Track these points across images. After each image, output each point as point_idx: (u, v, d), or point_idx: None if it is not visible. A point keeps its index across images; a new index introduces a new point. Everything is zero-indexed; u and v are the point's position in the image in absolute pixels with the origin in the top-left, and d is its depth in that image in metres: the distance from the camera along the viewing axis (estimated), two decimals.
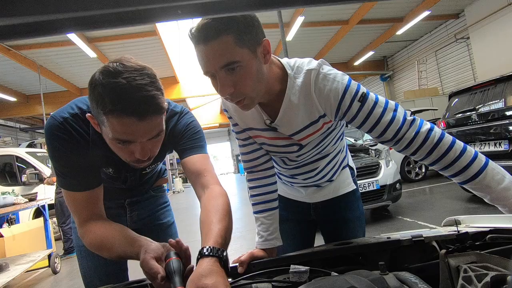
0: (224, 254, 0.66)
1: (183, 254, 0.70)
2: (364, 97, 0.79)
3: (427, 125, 0.79)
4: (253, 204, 1.02)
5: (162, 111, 0.74)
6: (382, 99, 0.81)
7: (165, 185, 1.35)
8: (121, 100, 0.67)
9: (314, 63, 0.83)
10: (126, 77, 0.67)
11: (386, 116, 0.79)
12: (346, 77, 0.82)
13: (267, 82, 0.80)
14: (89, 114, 0.77)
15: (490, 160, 0.76)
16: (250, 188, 1.03)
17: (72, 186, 0.85)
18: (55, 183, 4.32)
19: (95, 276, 1.10)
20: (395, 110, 0.80)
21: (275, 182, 1.04)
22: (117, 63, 0.70)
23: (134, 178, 1.03)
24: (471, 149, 0.76)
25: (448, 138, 0.77)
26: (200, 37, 0.69)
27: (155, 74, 0.75)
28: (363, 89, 0.81)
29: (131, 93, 0.67)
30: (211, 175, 0.89)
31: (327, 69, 0.83)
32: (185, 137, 0.93)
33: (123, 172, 0.99)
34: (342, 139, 1.07)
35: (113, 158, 0.85)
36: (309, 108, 0.85)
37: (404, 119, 0.79)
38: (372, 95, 0.81)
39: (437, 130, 0.78)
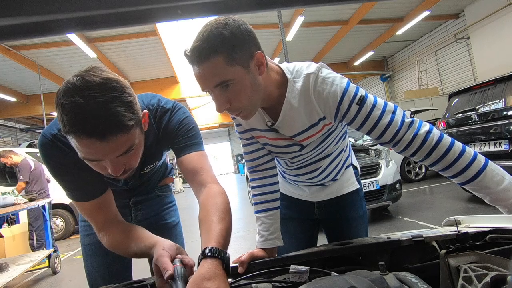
0: (227, 256, 0.66)
1: (188, 270, 0.69)
2: (362, 100, 0.80)
3: (426, 127, 0.79)
4: (254, 204, 1.03)
5: (126, 129, 0.68)
6: (380, 101, 0.82)
7: (171, 184, 1.33)
8: (78, 121, 0.63)
9: (313, 67, 0.84)
10: (84, 95, 0.62)
11: (384, 119, 0.80)
12: (345, 80, 0.83)
13: (264, 90, 0.82)
14: (63, 132, 0.71)
15: (490, 161, 0.76)
16: (252, 187, 1.03)
17: (79, 197, 0.86)
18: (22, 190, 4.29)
19: (98, 274, 1.10)
20: (394, 113, 0.80)
21: (277, 182, 1.04)
22: (78, 78, 0.64)
23: (134, 179, 1.03)
24: (470, 150, 0.76)
25: (447, 139, 0.77)
26: (193, 59, 0.72)
27: (122, 85, 0.69)
28: (361, 91, 0.82)
29: (89, 112, 0.62)
30: (208, 173, 0.87)
31: (326, 72, 0.84)
32: (179, 135, 0.91)
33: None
34: (344, 138, 1.07)
35: None
36: (309, 111, 0.86)
37: (403, 121, 0.79)
38: (370, 98, 0.82)
39: (436, 132, 0.78)
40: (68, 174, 0.84)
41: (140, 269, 1.27)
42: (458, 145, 0.77)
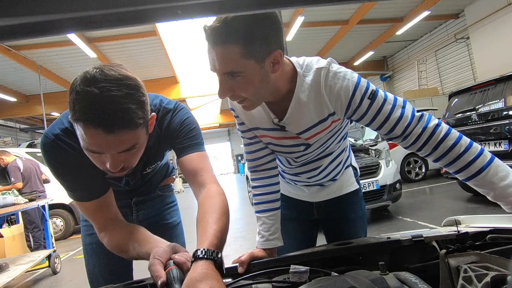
0: (219, 256, 0.65)
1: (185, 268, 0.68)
2: (373, 95, 0.80)
3: (434, 121, 0.79)
4: (255, 203, 1.02)
5: (134, 126, 0.69)
6: (391, 96, 0.82)
7: (172, 184, 1.34)
8: (89, 110, 0.64)
9: (323, 62, 0.84)
10: (100, 87, 0.64)
11: (395, 113, 0.80)
12: (356, 75, 0.82)
13: (274, 85, 0.81)
14: (71, 119, 0.72)
15: (496, 158, 0.76)
16: (253, 187, 1.03)
17: (80, 197, 0.87)
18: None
19: (99, 274, 1.11)
20: (404, 107, 0.81)
21: (278, 182, 1.04)
22: (98, 70, 0.66)
23: (135, 180, 1.03)
24: (477, 146, 0.76)
25: (455, 134, 0.78)
26: (210, 38, 0.70)
27: (138, 85, 0.71)
28: (372, 86, 0.82)
29: (102, 104, 0.64)
30: (208, 173, 0.87)
31: (336, 67, 0.84)
32: (180, 135, 0.91)
33: (123, 176, 0.98)
34: (345, 138, 1.08)
35: None
36: (319, 106, 0.85)
37: (413, 115, 0.80)
38: (381, 93, 0.82)
39: (444, 126, 0.79)
40: (69, 174, 0.85)
41: (141, 269, 1.27)
42: (466, 139, 0.77)
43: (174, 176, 1.33)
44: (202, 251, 0.64)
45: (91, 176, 0.85)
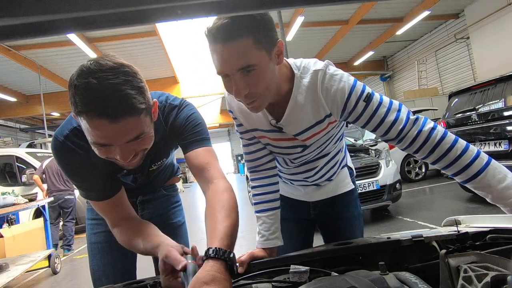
0: (231, 256, 0.64)
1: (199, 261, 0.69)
2: (369, 98, 0.81)
3: (430, 124, 0.80)
4: (255, 203, 1.03)
5: (136, 111, 0.68)
6: (386, 99, 0.83)
7: (177, 184, 1.34)
8: (90, 101, 0.64)
9: (320, 64, 0.85)
10: (97, 77, 0.64)
11: (389, 116, 0.80)
12: (352, 78, 0.84)
13: (277, 82, 0.81)
14: (74, 114, 0.72)
15: (493, 160, 0.76)
16: (253, 187, 1.03)
17: (93, 197, 0.88)
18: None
19: (103, 273, 1.11)
20: (399, 110, 0.81)
21: (278, 182, 1.05)
22: (92, 62, 0.66)
23: (142, 177, 1.04)
24: (473, 148, 0.77)
25: (451, 137, 0.78)
26: (219, 36, 0.68)
27: (134, 71, 0.70)
28: (368, 89, 0.83)
29: (102, 93, 0.64)
30: (215, 168, 0.87)
31: (333, 69, 0.84)
32: (185, 131, 0.91)
33: (131, 174, 0.99)
34: (341, 139, 1.08)
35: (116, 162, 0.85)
36: (316, 108, 0.86)
37: (408, 118, 0.80)
38: (377, 96, 0.83)
39: (440, 129, 0.79)
40: (81, 175, 0.86)
41: (144, 269, 1.27)
42: (462, 142, 0.77)
43: (179, 176, 1.33)
44: (213, 250, 0.63)
45: (102, 177, 0.86)
